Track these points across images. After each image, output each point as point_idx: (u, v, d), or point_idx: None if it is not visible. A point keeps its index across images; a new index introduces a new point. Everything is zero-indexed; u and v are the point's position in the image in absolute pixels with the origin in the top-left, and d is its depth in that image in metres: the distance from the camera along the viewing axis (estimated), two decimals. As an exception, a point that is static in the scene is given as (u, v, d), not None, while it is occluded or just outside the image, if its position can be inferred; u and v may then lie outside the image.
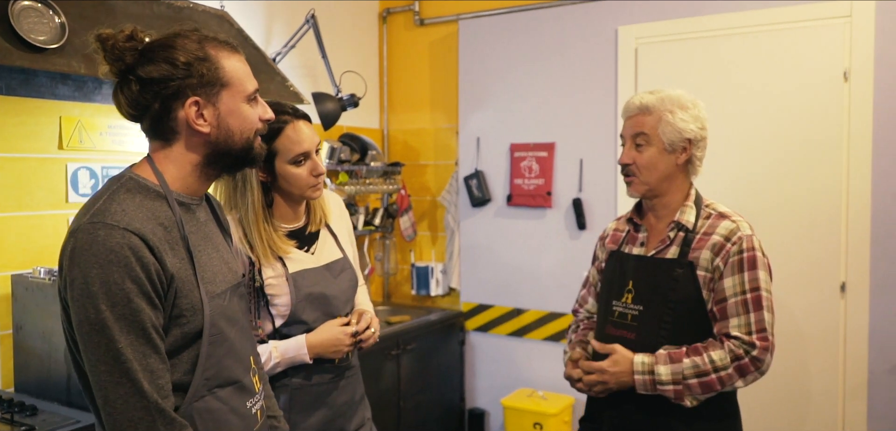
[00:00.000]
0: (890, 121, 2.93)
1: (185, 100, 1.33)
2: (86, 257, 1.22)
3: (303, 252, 2.02)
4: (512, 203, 3.82)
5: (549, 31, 3.68)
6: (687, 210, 1.94)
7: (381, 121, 4.33)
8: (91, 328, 1.22)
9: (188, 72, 1.32)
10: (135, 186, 1.33)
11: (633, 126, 1.95)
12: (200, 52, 1.34)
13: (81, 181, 2.76)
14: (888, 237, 2.95)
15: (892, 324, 2.95)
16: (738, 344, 1.81)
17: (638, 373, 1.85)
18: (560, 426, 3.52)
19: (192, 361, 1.33)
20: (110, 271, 1.21)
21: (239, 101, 1.39)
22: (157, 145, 1.38)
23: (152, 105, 1.32)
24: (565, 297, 3.69)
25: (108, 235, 1.23)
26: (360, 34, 4.18)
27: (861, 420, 3.02)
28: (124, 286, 1.22)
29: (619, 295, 1.98)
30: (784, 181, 3.14)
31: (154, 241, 1.27)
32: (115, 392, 1.22)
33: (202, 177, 1.41)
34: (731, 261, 1.84)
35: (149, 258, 1.25)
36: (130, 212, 1.27)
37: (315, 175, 1.97)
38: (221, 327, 1.38)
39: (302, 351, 1.94)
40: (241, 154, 1.41)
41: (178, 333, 1.31)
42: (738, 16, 3.20)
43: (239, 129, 1.39)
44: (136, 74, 1.31)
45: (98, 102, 2.72)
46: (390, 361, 3.47)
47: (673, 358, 1.83)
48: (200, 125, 1.35)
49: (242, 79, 1.39)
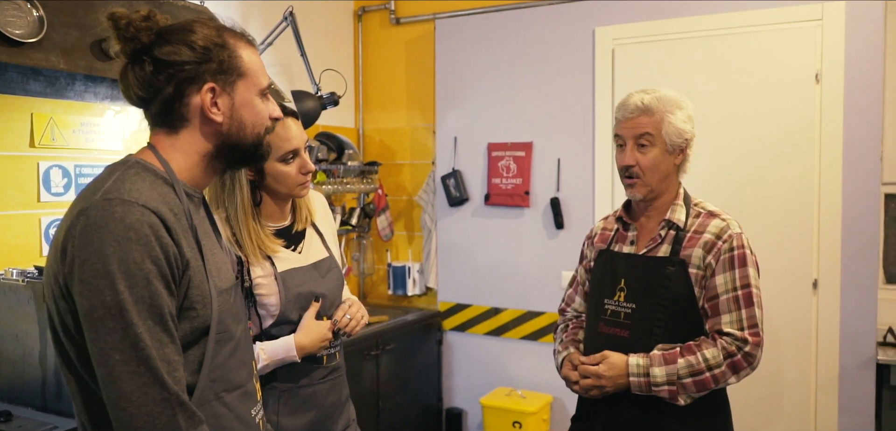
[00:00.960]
0: (860, 122, 3.01)
1: (202, 86, 1.27)
2: (101, 234, 1.13)
3: (290, 251, 2.00)
4: (490, 202, 3.82)
5: (526, 31, 3.70)
6: (678, 208, 1.95)
7: (356, 121, 4.30)
8: (106, 312, 1.12)
9: (206, 57, 1.27)
10: (143, 169, 1.25)
11: (635, 127, 1.92)
12: (219, 38, 1.29)
13: (53, 180, 2.69)
14: (859, 235, 3.03)
15: (863, 320, 3.03)
16: (730, 340, 1.84)
17: (633, 375, 1.85)
18: (539, 424, 3.54)
19: (198, 360, 1.25)
20: (129, 249, 1.13)
21: (253, 94, 1.34)
22: (163, 133, 1.31)
23: (165, 88, 1.26)
24: (543, 296, 3.72)
25: (126, 211, 1.15)
26: (334, 33, 4.15)
27: (832, 413, 3.10)
28: (144, 266, 1.14)
29: (611, 294, 1.98)
30: (757, 181, 3.20)
31: (171, 223, 1.20)
32: (132, 383, 1.12)
33: (208, 170, 1.34)
34: (723, 259, 1.86)
35: (167, 239, 1.18)
36: (145, 192, 1.20)
37: (303, 173, 1.96)
38: (228, 324, 1.31)
39: (291, 352, 1.92)
40: (249, 149, 1.35)
41: (187, 327, 1.23)
42: (713, 18, 3.26)
43: (251, 123, 1.34)
44: (151, 55, 1.25)
45: (71, 99, 2.65)
46: (369, 361, 3.45)
47: (667, 359, 1.84)
48: (214, 114, 1.29)
49: (258, 71, 1.34)
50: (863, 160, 3.02)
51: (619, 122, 1.97)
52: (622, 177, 1.98)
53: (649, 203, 1.98)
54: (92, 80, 2.63)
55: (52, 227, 2.68)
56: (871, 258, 3.02)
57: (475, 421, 3.95)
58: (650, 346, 1.88)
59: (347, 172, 3.84)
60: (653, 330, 1.89)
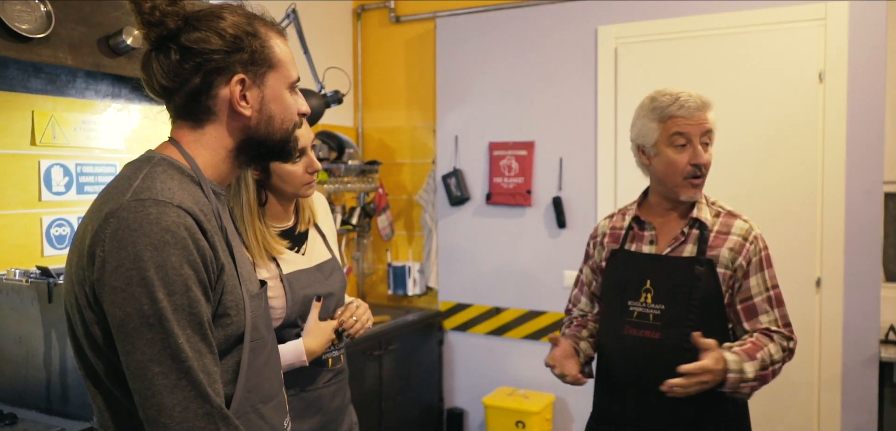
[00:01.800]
0: (863, 121, 3.03)
1: (231, 77, 1.19)
2: (136, 237, 1.04)
3: (294, 252, 1.96)
4: (491, 201, 3.81)
5: (528, 30, 3.69)
6: (702, 207, 1.94)
7: (355, 120, 4.27)
8: (143, 322, 1.04)
9: (237, 46, 1.18)
10: (169, 166, 1.17)
11: (702, 123, 1.87)
12: (249, 26, 1.21)
13: (54, 178, 2.65)
14: (861, 234, 3.04)
15: (866, 318, 3.05)
16: (782, 337, 1.87)
17: (732, 372, 1.76)
18: (542, 423, 3.53)
19: (232, 370, 1.18)
20: (167, 253, 1.05)
21: (283, 87, 1.26)
22: (187, 127, 1.23)
23: (192, 79, 1.18)
24: (545, 296, 3.71)
25: (161, 213, 1.06)
26: (333, 31, 4.12)
27: (835, 410, 3.11)
28: (183, 271, 1.06)
29: (635, 295, 1.94)
30: (761, 179, 3.21)
31: (205, 224, 1.12)
32: (173, 398, 1.04)
33: (233, 166, 1.26)
34: (754, 261, 1.89)
35: (203, 242, 1.10)
36: (177, 191, 1.11)
37: (310, 172, 1.93)
38: (262, 331, 1.25)
39: (301, 357, 1.88)
40: (277, 145, 1.27)
41: (222, 335, 1.15)
42: (717, 17, 3.27)
43: (281, 117, 1.26)
44: (178, 42, 1.17)
45: (72, 96, 2.62)
46: (372, 362, 3.42)
47: (750, 355, 1.80)
48: (243, 107, 1.21)
49: (288, 63, 1.27)
50: (865, 159, 3.03)
51: (682, 120, 1.87)
52: (686, 177, 1.89)
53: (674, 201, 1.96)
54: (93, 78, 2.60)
55: (53, 227, 2.64)
56: (874, 256, 3.04)
57: (477, 421, 3.94)
58: (682, 347, 1.83)
59: (348, 171, 3.82)
60: (683, 331, 1.85)
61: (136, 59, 2.24)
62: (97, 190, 2.77)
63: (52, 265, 2.49)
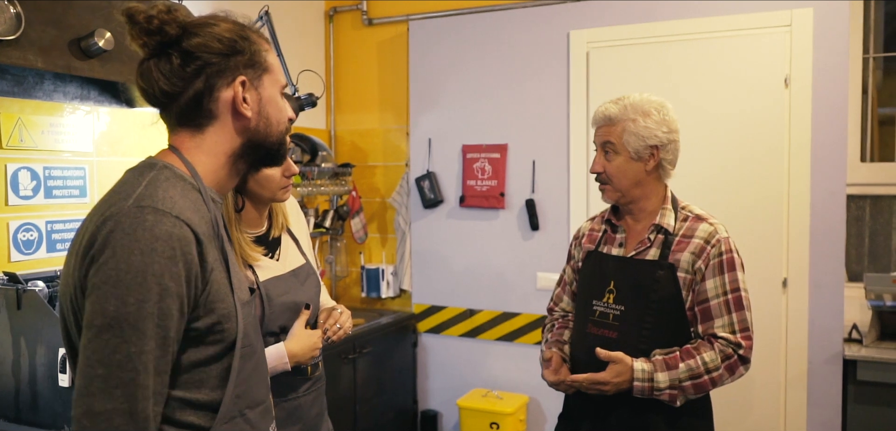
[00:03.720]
0: (827, 125, 3.11)
1: (234, 79, 1.23)
2: (128, 241, 1.06)
3: (269, 258, 1.95)
4: (465, 204, 3.83)
5: (501, 33, 3.71)
6: (666, 213, 1.99)
7: (328, 122, 4.25)
8: (106, 321, 1.05)
9: (236, 49, 1.22)
10: (172, 173, 1.19)
11: (602, 135, 2.00)
12: (243, 32, 1.25)
13: (22, 182, 2.59)
14: (826, 235, 3.12)
15: (830, 318, 3.12)
16: (725, 343, 1.88)
17: (638, 381, 1.86)
18: (516, 424, 3.56)
19: (220, 376, 1.19)
20: (152, 261, 1.06)
21: (277, 90, 1.30)
22: (187, 133, 1.24)
23: (194, 82, 1.20)
24: (519, 297, 3.73)
25: (157, 221, 1.08)
26: (305, 33, 4.10)
27: (801, 407, 3.19)
28: (163, 280, 1.07)
29: (600, 295, 2.01)
30: (729, 182, 3.28)
31: (202, 236, 1.14)
32: (102, 404, 1.03)
33: (232, 172, 1.29)
34: (712, 264, 1.91)
35: (193, 257, 1.12)
36: (179, 201, 1.13)
37: (287, 175, 1.92)
38: (252, 339, 1.26)
39: (283, 360, 1.87)
40: (272, 148, 1.30)
41: (212, 345, 1.17)
42: (686, 23, 3.32)
43: (277, 120, 1.29)
44: (179, 48, 1.20)
45: (40, 99, 2.57)
46: (346, 365, 3.41)
47: (669, 364, 1.87)
48: (245, 108, 1.24)
49: (278, 68, 1.31)
50: (829, 162, 3.11)
51: (594, 131, 2.06)
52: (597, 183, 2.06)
53: (631, 206, 2.02)
54: (61, 80, 2.55)
55: (20, 232, 2.58)
56: (838, 257, 3.12)
57: (451, 423, 3.95)
58: (638, 348, 1.91)
59: (321, 174, 3.80)
60: (641, 332, 1.92)
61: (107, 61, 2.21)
62: (65, 193, 2.73)
63: (20, 270, 2.44)
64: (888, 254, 3.63)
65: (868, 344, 3.11)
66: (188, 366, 1.15)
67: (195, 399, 1.16)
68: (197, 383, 1.16)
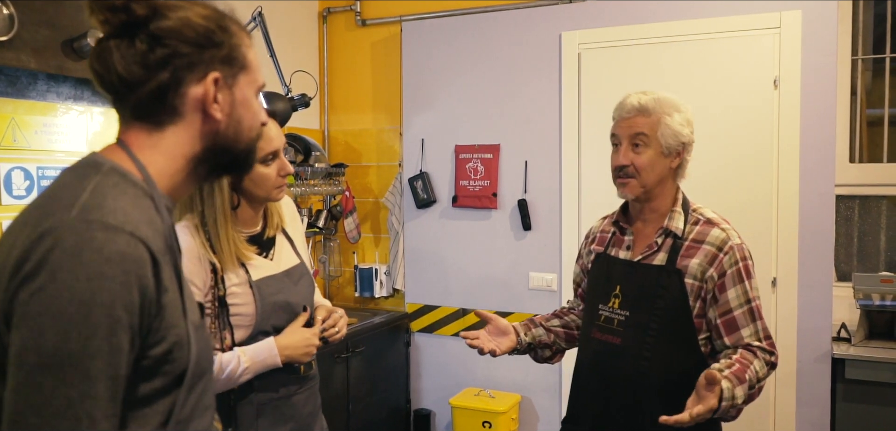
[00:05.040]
0: (816, 126, 3.14)
1: (206, 75, 1.05)
2: (72, 265, 0.88)
3: (263, 258, 1.96)
4: (457, 204, 3.85)
5: (493, 34, 3.74)
6: (676, 215, 1.92)
7: (321, 122, 4.27)
8: (41, 361, 0.87)
9: (212, 41, 1.06)
10: (121, 178, 1.00)
11: (631, 126, 1.90)
12: (224, 22, 1.08)
13: (15, 182, 2.60)
14: (815, 235, 3.15)
15: (819, 317, 3.15)
16: (763, 352, 1.82)
17: (725, 401, 1.68)
18: (508, 423, 3.58)
19: (166, 413, 1.02)
20: (100, 288, 0.89)
21: (253, 92, 1.14)
22: (143, 129, 1.06)
23: (159, 73, 1.02)
24: (511, 297, 3.76)
25: (107, 240, 0.91)
26: (299, 34, 4.11)
27: (790, 406, 3.22)
28: (114, 312, 0.90)
29: (605, 300, 1.95)
30: (718, 183, 3.30)
31: (158, 255, 0.97)
32: None
33: (190, 178, 1.11)
34: (731, 273, 1.84)
35: (148, 282, 0.95)
36: (131, 213, 0.96)
37: (282, 175, 1.93)
38: (203, 367, 1.09)
39: (272, 353, 1.87)
40: (241, 154, 1.14)
41: (160, 377, 1.00)
42: (677, 24, 3.35)
43: (248, 125, 1.13)
44: (147, 30, 1.01)
45: (33, 99, 2.58)
46: (339, 364, 3.43)
47: (739, 377, 1.73)
48: (215, 109, 1.07)
49: (257, 67, 1.15)
50: (818, 162, 3.14)
51: (616, 122, 1.94)
52: (615, 178, 1.94)
53: (645, 206, 1.95)
54: (55, 80, 2.56)
55: (13, 231, 2.59)
56: (826, 257, 3.15)
57: (444, 422, 3.97)
58: (641, 354, 1.85)
59: (314, 174, 3.81)
60: (645, 339, 1.85)
61: (100, 62, 2.22)
62: (59, 193, 2.74)
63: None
64: (877, 254, 3.67)
65: (856, 343, 3.14)
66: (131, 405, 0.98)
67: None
68: (138, 421, 0.99)
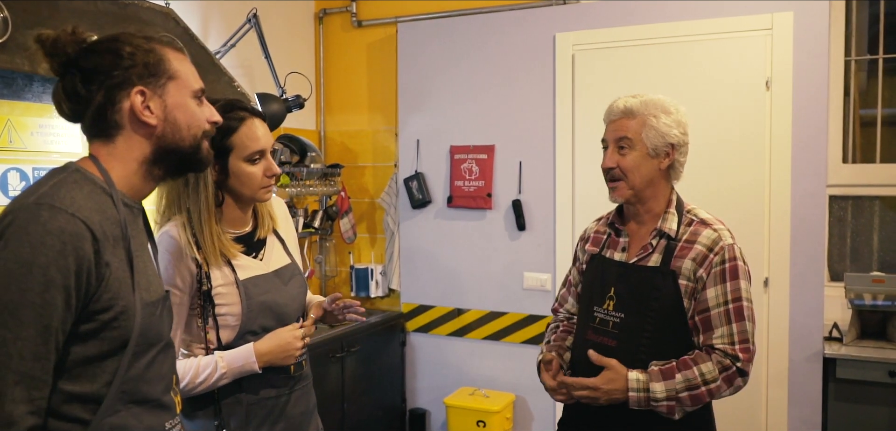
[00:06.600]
0: (807, 127, 3.16)
1: (131, 90, 1.29)
2: (19, 235, 1.14)
3: (251, 258, 1.94)
4: (452, 204, 3.87)
5: (488, 35, 3.75)
6: (669, 217, 1.92)
7: (317, 123, 4.29)
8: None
9: (133, 62, 1.29)
10: (82, 177, 1.27)
11: (616, 130, 1.91)
12: (146, 45, 1.32)
13: (11, 182, 2.62)
14: (806, 235, 3.17)
15: (810, 317, 3.17)
16: (723, 355, 1.82)
17: (632, 390, 1.79)
18: (503, 422, 3.60)
19: (112, 371, 1.25)
20: (39, 252, 1.14)
21: (186, 96, 1.36)
22: (100, 143, 1.32)
23: (95, 96, 1.28)
24: (506, 297, 3.78)
25: (50, 217, 1.16)
26: (295, 34, 4.13)
27: (782, 405, 3.24)
28: (48, 273, 1.14)
29: (600, 301, 1.94)
30: (711, 182, 3.32)
31: (99, 234, 1.21)
32: None
33: (147, 177, 1.36)
34: (714, 272, 1.84)
35: (86, 253, 1.18)
36: (79, 201, 1.21)
37: (268, 175, 1.91)
38: (150, 338, 1.32)
39: (250, 360, 1.85)
40: (188, 153, 1.37)
41: (107, 340, 1.23)
42: (670, 26, 3.37)
43: (187, 124, 1.36)
44: (78, 66, 1.28)
45: (29, 100, 2.59)
46: (335, 364, 3.45)
47: (665, 374, 1.80)
48: (147, 116, 1.31)
49: (188, 74, 1.37)
50: (810, 163, 3.16)
51: (606, 126, 1.96)
52: (606, 181, 1.96)
53: (638, 207, 1.95)
54: (51, 82, 2.58)
55: (9, 232, 2.61)
56: (818, 257, 3.17)
57: (439, 421, 3.99)
58: (636, 356, 1.84)
59: (310, 175, 3.83)
60: (640, 341, 1.85)
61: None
62: (55, 194, 2.76)
63: (9, 270, 2.47)
64: (870, 254, 3.68)
65: (848, 342, 3.16)
66: (80, 361, 1.21)
67: (81, 392, 1.22)
68: (89, 377, 1.22)
